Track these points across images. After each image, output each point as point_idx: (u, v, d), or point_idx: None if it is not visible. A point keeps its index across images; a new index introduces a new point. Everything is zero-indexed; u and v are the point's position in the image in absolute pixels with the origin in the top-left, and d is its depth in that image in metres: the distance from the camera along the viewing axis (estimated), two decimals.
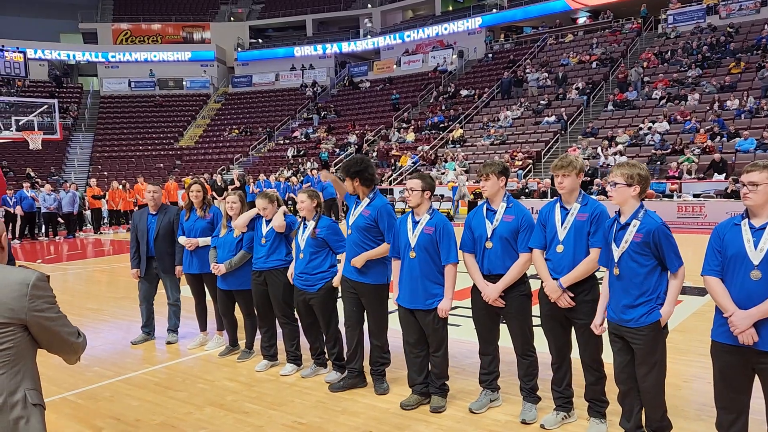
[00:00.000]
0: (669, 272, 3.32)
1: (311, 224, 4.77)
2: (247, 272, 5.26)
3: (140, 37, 41.09)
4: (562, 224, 3.69)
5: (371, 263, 4.40)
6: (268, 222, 5.09)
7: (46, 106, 21.51)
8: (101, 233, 18.63)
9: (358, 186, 4.48)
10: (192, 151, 33.99)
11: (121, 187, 19.20)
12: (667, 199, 15.77)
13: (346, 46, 38.85)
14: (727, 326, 2.95)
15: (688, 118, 19.95)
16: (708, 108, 20.30)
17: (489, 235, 3.99)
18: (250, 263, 5.24)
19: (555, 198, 3.86)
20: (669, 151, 18.53)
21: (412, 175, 4.27)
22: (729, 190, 14.84)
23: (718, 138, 18.34)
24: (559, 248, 3.68)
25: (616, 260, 3.37)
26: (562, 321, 3.74)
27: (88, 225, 19.76)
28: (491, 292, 3.90)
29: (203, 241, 5.72)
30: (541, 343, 4.00)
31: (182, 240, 5.82)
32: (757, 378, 2.98)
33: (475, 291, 4.10)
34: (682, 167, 17.18)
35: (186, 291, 6.13)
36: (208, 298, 5.94)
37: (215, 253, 5.48)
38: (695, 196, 15.56)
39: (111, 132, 35.78)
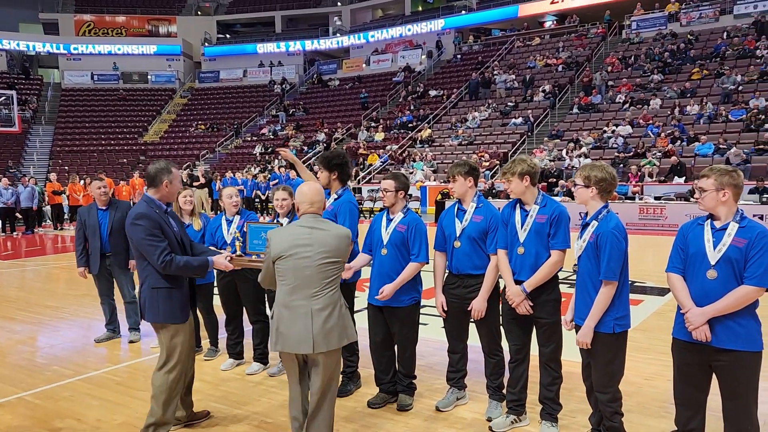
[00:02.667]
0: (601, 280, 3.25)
1: (285, 221, 4.72)
2: None
3: (104, 29, 40.15)
4: (522, 226, 3.71)
5: None
6: (244, 218, 5.03)
7: (3, 98, 20.84)
8: (61, 229, 18.15)
9: (335, 180, 4.43)
10: (157, 147, 33.36)
11: (81, 182, 18.73)
12: (629, 201, 16.12)
13: (315, 44, 38.64)
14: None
15: (650, 122, 20.44)
16: (669, 113, 20.83)
17: (457, 235, 4.01)
18: None
19: (514, 198, 3.84)
20: (631, 154, 18.95)
21: (386, 176, 4.27)
22: (690, 193, 15.25)
23: (678, 142, 18.83)
24: (520, 250, 3.70)
25: (576, 257, 3.44)
26: (524, 321, 3.76)
27: (48, 221, 19.23)
28: (479, 303, 3.89)
29: None
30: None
31: None
32: (715, 376, 3.07)
33: (445, 290, 4.12)
34: (643, 170, 17.59)
35: None
36: None
37: None
38: (656, 198, 15.93)
39: (72, 126, 34.86)
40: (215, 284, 5.36)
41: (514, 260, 3.75)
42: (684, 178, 16.64)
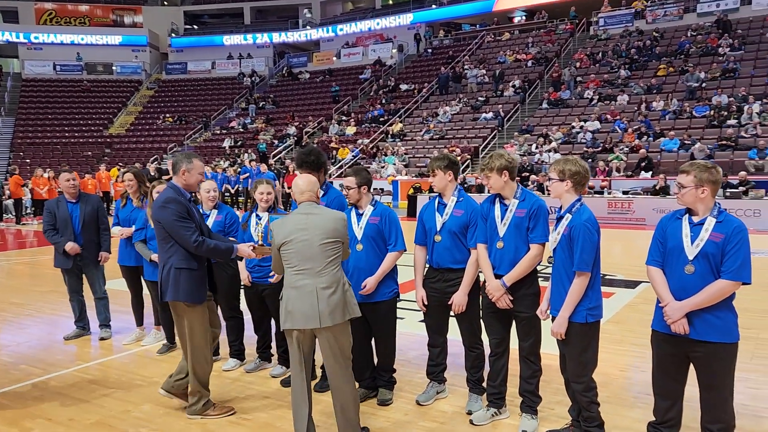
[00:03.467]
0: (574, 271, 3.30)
1: (265, 216, 4.66)
2: None
3: (66, 18, 39.00)
4: (501, 220, 3.72)
5: None
6: (222, 212, 4.96)
7: None
8: (23, 224, 17.63)
9: (320, 178, 4.41)
10: (123, 139, 32.67)
11: (46, 175, 18.22)
12: (598, 195, 16.38)
13: (283, 36, 38.24)
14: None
15: (618, 117, 20.80)
16: (636, 109, 21.22)
17: (438, 229, 4.01)
18: None
19: (495, 193, 3.85)
20: (600, 149, 19.26)
21: (345, 172, 4.24)
22: (657, 188, 15.58)
23: (645, 137, 19.21)
24: (500, 244, 3.71)
25: (551, 251, 3.48)
26: (503, 314, 3.77)
27: (10, 215, 18.66)
28: (459, 297, 3.90)
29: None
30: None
31: (116, 230, 5.58)
32: (693, 367, 3.13)
33: (425, 284, 4.12)
34: (611, 165, 17.89)
35: (118, 284, 5.88)
36: (145, 291, 5.72)
37: (144, 245, 5.28)
38: (624, 192, 16.23)
39: (34, 117, 33.87)
40: None
41: (493, 254, 3.75)
42: (651, 172, 16.99)
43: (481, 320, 3.98)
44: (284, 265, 3.43)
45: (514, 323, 3.81)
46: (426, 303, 4.10)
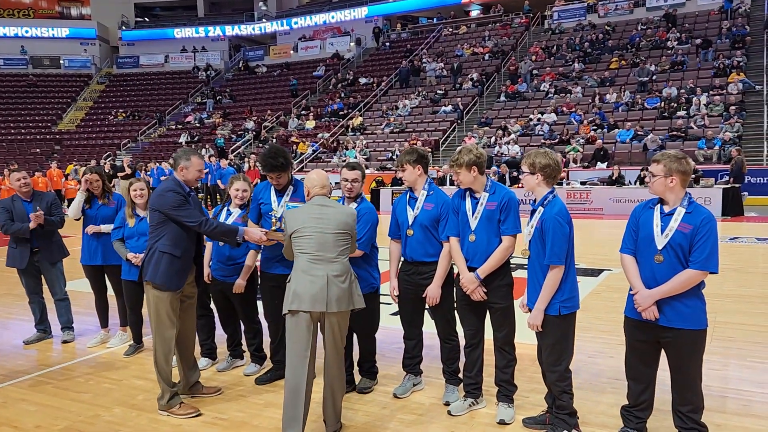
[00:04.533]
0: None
1: (236, 212, 4.59)
2: None
3: (9, 11, 37.48)
4: (473, 213, 3.75)
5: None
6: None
7: None
8: None
9: (288, 176, 4.40)
10: (73, 136, 31.65)
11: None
12: (557, 186, 16.69)
13: (237, 30, 37.64)
14: None
15: (573, 110, 21.25)
16: (590, 101, 21.72)
17: (410, 223, 4.03)
18: None
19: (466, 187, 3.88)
20: (557, 141, 19.66)
21: (347, 165, 4.23)
22: (613, 178, 16.00)
23: (600, 129, 19.69)
24: (472, 237, 3.74)
25: (526, 244, 3.52)
26: (477, 306, 3.82)
27: None
28: (433, 290, 3.93)
29: (106, 228, 5.37)
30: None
31: (91, 228, 5.41)
32: (664, 352, 3.24)
33: (400, 277, 4.14)
34: (568, 156, 18.28)
35: (80, 285, 5.70)
36: (110, 292, 5.57)
37: (122, 244, 5.14)
38: (582, 183, 16.61)
39: None
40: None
41: (466, 248, 3.79)
42: (606, 163, 17.43)
43: (456, 312, 4.03)
44: (296, 251, 3.59)
45: (488, 314, 3.86)
46: (398, 294, 4.14)
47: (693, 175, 15.26)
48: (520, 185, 10.53)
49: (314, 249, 3.51)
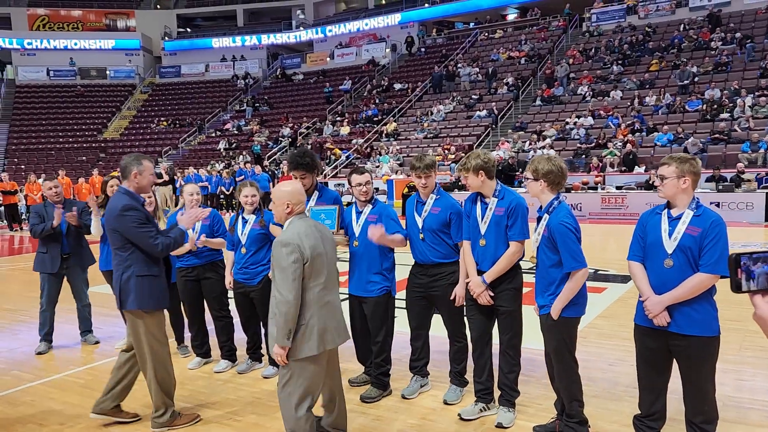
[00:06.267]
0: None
1: (251, 218, 4.68)
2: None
3: (59, 24, 38.95)
4: (482, 218, 3.77)
5: None
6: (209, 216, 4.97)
7: None
8: (15, 230, 17.58)
9: (313, 179, 4.45)
10: (117, 144, 32.63)
11: (39, 181, 18.21)
12: (591, 191, 16.42)
13: (273, 38, 38.24)
14: None
15: (611, 113, 20.84)
16: (629, 104, 21.27)
17: (420, 228, 4.07)
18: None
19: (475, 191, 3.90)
20: (593, 144, 19.30)
21: (355, 169, 4.30)
22: (650, 182, 15.62)
23: (639, 133, 19.26)
24: (482, 242, 3.76)
25: (533, 251, 3.51)
26: (485, 309, 3.82)
27: (3, 221, 18.65)
28: (460, 290, 3.95)
29: None
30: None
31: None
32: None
33: (409, 279, 4.19)
34: (605, 160, 17.93)
35: (103, 288, 5.87)
36: None
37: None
38: (618, 188, 16.27)
39: (28, 123, 33.85)
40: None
41: (477, 252, 3.81)
42: (644, 167, 17.02)
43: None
44: (307, 282, 3.05)
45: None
46: (408, 296, 4.21)
47: (740, 180, 14.81)
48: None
49: (328, 275, 3.16)
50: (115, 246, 3.81)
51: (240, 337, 5.10)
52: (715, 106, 19.27)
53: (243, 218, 4.73)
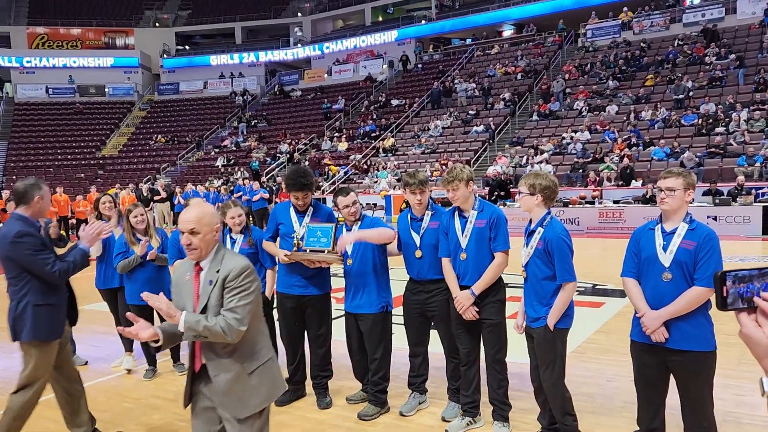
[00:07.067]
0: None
1: (239, 237, 4.67)
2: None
3: (58, 42, 39.20)
4: (462, 232, 3.79)
5: (316, 272, 4.36)
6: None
7: None
8: None
9: (310, 197, 4.44)
10: (116, 161, 32.69)
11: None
12: (589, 205, 16.45)
13: (270, 55, 38.51)
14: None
15: (607, 128, 20.95)
16: (625, 118, 21.39)
17: (418, 245, 4.06)
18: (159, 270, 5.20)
19: (453, 206, 3.92)
20: (590, 159, 19.38)
21: (340, 190, 4.30)
22: (647, 196, 15.66)
23: (635, 147, 19.34)
24: (463, 255, 3.78)
25: (524, 264, 3.53)
26: (472, 324, 3.83)
27: None
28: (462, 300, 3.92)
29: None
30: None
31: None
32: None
33: (406, 296, 4.18)
34: (602, 175, 18.00)
35: (100, 306, 5.85)
36: None
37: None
38: (615, 202, 16.30)
39: (27, 140, 33.92)
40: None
41: (458, 266, 3.83)
42: (640, 182, 17.07)
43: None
44: (262, 327, 2.76)
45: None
46: (405, 313, 4.20)
47: (737, 193, 14.85)
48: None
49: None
50: (10, 275, 3.62)
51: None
52: (711, 121, 19.38)
53: (231, 238, 4.69)
